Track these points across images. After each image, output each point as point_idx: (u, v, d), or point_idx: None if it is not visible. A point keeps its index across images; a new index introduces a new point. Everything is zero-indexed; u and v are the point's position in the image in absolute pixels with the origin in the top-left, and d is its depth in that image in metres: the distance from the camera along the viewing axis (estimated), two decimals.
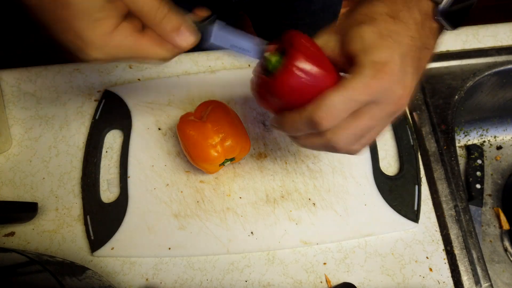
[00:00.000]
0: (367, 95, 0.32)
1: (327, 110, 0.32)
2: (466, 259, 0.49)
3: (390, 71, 0.31)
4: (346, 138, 0.34)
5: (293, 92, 0.34)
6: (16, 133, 0.56)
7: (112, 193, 0.53)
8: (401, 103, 0.33)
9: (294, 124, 0.35)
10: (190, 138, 0.47)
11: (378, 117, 0.33)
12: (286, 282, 0.48)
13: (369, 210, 0.51)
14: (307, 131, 0.34)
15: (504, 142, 0.72)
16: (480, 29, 0.63)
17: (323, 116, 0.32)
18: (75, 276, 0.39)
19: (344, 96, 0.31)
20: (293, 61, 0.33)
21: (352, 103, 0.32)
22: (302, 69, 0.33)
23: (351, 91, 0.31)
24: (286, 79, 0.33)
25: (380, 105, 0.33)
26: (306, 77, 0.33)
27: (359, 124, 0.33)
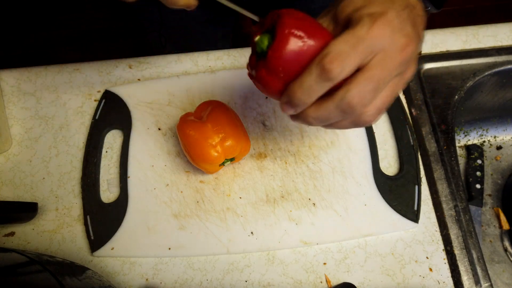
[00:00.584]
0: (370, 39, 0.31)
1: (334, 54, 0.30)
2: (466, 259, 0.49)
3: (388, 19, 0.31)
4: (361, 93, 0.32)
5: (294, 59, 0.32)
6: (16, 133, 0.56)
7: (112, 193, 0.53)
8: (408, 50, 0.32)
9: (305, 84, 0.32)
10: (190, 138, 0.47)
11: (389, 66, 0.32)
12: (286, 282, 0.48)
13: (369, 210, 0.51)
14: (320, 89, 0.32)
15: (504, 142, 0.72)
16: (480, 29, 0.63)
17: (331, 61, 0.30)
18: (75, 276, 0.39)
19: (349, 41, 0.31)
20: (285, 27, 0.32)
21: (357, 47, 0.31)
22: (297, 34, 0.32)
23: (354, 36, 0.31)
24: (283, 47, 0.32)
25: (387, 53, 0.32)
26: (304, 41, 0.32)
27: (373, 74, 0.32)
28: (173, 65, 0.60)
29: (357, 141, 0.54)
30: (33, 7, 1.67)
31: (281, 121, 0.56)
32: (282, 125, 0.55)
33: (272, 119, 0.56)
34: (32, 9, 1.67)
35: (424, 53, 0.61)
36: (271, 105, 0.56)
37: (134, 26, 1.50)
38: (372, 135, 0.55)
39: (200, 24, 0.74)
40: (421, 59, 0.60)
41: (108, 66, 0.60)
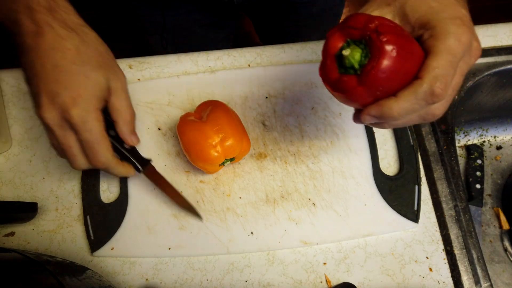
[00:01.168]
0: (462, 51, 0.32)
1: (443, 78, 0.31)
2: (466, 259, 0.49)
3: (468, 23, 0.32)
4: (446, 102, 0.34)
5: (397, 76, 0.32)
6: (16, 133, 0.56)
7: (112, 193, 0.53)
8: (478, 54, 0.34)
9: (407, 106, 0.32)
10: (190, 138, 0.47)
11: (465, 71, 0.34)
12: (286, 282, 0.48)
13: (369, 210, 0.51)
14: (420, 108, 0.33)
15: (504, 142, 0.72)
16: (480, 29, 0.63)
17: (442, 86, 0.31)
18: (75, 276, 0.39)
19: (449, 59, 0.31)
20: (390, 45, 0.31)
21: (455, 63, 0.32)
22: (399, 50, 0.31)
23: (451, 51, 0.31)
24: (387, 66, 0.31)
25: (465, 59, 0.33)
26: (405, 57, 0.31)
27: (454, 84, 0.33)
28: (173, 65, 0.60)
29: (357, 141, 0.54)
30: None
31: (281, 121, 0.56)
32: (282, 125, 0.55)
33: (272, 119, 0.56)
34: None
35: None
36: (271, 105, 0.56)
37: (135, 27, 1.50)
38: (372, 135, 0.55)
39: (201, 27, 0.74)
40: None
41: None
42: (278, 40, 0.67)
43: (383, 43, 0.31)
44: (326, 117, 0.56)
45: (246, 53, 0.61)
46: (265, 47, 0.61)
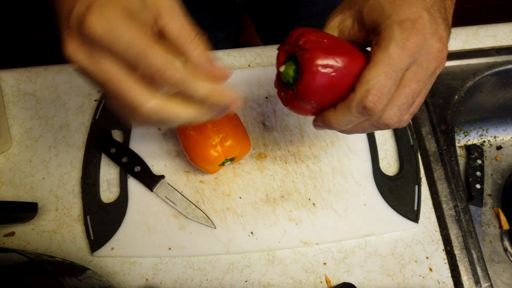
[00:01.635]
0: (406, 58, 0.30)
1: (376, 92, 0.30)
2: (466, 259, 0.49)
3: (421, 26, 0.30)
4: (398, 112, 0.32)
5: (327, 90, 0.32)
6: (16, 133, 0.56)
7: (112, 193, 0.53)
8: (441, 56, 0.32)
9: (344, 118, 0.32)
10: (190, 138, 0.47)
11: (424, 77, 0.31)
12: (286, 282, 0.48)
13: (369, 210, 0.51)
14: (360, 120, 0.33)
15: (504, 142, 0.72)
16: (480, 29, 0.63)
17: (374, 99, 0.30)
18: (75, 276, 0.39)
19: (385, 70, 0.30)
20: (312, 62, 0.31)
21: (395, 73, 0.30)
22: (325, 65, 0.31)
23: (390, 61, 0.30)
24: (312, 82, 0.31)
25: (422, 64, 0.31)
26: (333, 71, 0.31)
27: (407, 92, 0.31)
28: None
29: (357, 141, 0.54)
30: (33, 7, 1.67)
31: (281, 121, 0.56)
32: (282, 125, 0.55)
33: (272, 119, 0.56)
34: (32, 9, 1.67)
35: None
36: (271, 105, 0.56)
37: None
38: (372, 135, 0.55)
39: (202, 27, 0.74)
40: None
41: None
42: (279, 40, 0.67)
43: (305, 60, 0.31)
44: None
45: (246, 53, 0.61)
46: (265, 47, 0.61)
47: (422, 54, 0.31)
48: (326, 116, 0.34)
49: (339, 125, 0.33)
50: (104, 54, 0.27)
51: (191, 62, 0.29)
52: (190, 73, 0.28)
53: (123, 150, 0.53)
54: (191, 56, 0.29)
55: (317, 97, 0.32)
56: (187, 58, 0.29)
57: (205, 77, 0.30)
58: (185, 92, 0.28)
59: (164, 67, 0.27)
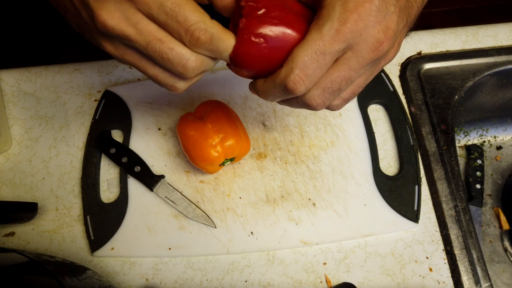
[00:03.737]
0: (338, 43, 0.28)
1: (299, 72, 0.28)
2: (466, 259, 0.49)
3: (364, 10, 0.27)
4: (321, 94, 0.30)
5: (258, 61, 0.30)
6: (16, 133, 0.56)
7: (112, 193, 0.53)
8: (382, 48, 0.29)
9: (269, 92, 0.31)
10: (190, 138, 0.47)
11: (357, 66, 0.29)
12: (286, 282, 0.48)
13: (369, 210, 0.51)
14: (285, 97, 0.31)
15: (504, 142, 0.72)
16: (480, 29, 0.63)
17: (296, 79, 0.28)
18: (75, 276, 0.39)
19: (312, 51, 0.28)
20: (244, 30, 0.29)
21: (323, 56, 0.28)
22: (258, 35, 0.29)
23: (320, 43, 0.27)
24: (243, 51, 0.29)
25: (357, 52, 0.29)
26: (265, 42, 0.29)
27: (334, 77, 0.29)
28: None
29: (357, 141, 0.54)
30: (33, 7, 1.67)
31: (281, 121, 0.56)
32: (282, 125, 0.55)
33: (272, 119, 0.56)
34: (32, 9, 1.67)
35: (424, 53, 0.61)
36: (271, 105, 0.56)
37: None
38: (372, 135, 0.55)
39: None
40: (421, 59, 0.60)
41: (108, 66, 0.60)
42: None
43: (239, 28, 0.29)
44: (326, 117, 0.56)
45: None
46: None
47: (359, 42, 0.28)
48: (255, 85, 0.33)
49: (265, 97, 0.32)
50: (139, 15, 0.27)
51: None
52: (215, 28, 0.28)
53: (123, 150, 0.53)
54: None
55: (248, 66, 0.31)
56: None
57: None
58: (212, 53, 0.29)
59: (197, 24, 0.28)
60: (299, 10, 0.31)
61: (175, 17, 0.27)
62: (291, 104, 0.33)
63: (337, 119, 0.56)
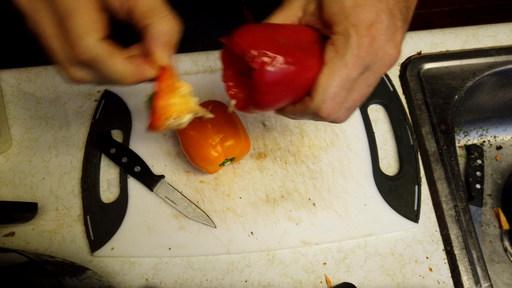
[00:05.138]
0: (360, 66, 0.30)
1: (331, 102, 0.30)
2: (466, 259, 0.49)
3: (377, 32, 0.29)
4: (346, 113, 0.33)
5: (282, 98, 0.33)
6: (16, 133, 0.56)
7: (112, 193, 0.53)
8: (394, 62, 0.32)
9: (301, 117, 0.34)
10: (190, 138, 0.47)
11: (374, 82, 0.32)
12: (286, 282, 0.48)
13: (369, 210, 0.51)
14: (315, 120, 0.34)
15: (504, 142, 0.72)
16: (480, 29, 0.63)
17: (329, 110, 0.31)
18: (75, 276, 0.39)
19: (340, 80, 0.30)
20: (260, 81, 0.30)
21: (350, 83, 0.30)
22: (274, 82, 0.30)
23: (345, 71, 0.29)
24: (267, 98, 0.31)
25: (373, 70, 0.31)
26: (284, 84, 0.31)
27: (355, 96, 0.32)
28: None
29: (357, 141, 0.54)
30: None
31: (281, 121, 0.56)
32: (282, 125, 0.55)
33: (272, 119, 0.56)
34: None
35: (424, 53, 0.61)
36: None
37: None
38: (372, 135, 0.55)
39: (205, 27, 0.74)
40: (421, 59, 0.60)
41: None
42: None
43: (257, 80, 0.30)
44: None
45: None
46: None
47: (376, 62, 0.30)
48: (285, 112, 0.35)
49: (296, 119, 0.36)
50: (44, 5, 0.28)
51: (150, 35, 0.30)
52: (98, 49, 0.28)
53: (123, 150, 0.53)
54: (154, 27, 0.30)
55: (270, 106, 0.33)
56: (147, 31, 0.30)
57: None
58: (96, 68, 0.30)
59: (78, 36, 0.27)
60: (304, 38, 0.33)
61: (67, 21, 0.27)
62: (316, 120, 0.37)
63: None
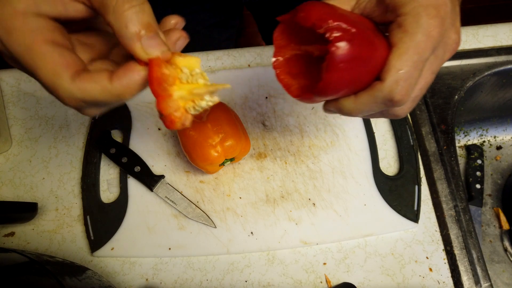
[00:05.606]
0: (430, 48, 0.28)
1: (404, 83, 0.28)
2: (466, 259, 0.49)
3: (445, 13, 0.28)
4: (411, 104, 0.31)
5: (349, 83, 0.30)
6: (16, 133, 0.56)
7: (112, 193, 0.53)
8: (456, 48, 0.31)
9: (365, 108, 0.31)
10: (190, 138, 0.47)
11: (437, 68, 0.30)
12: (286, 282, 0.48)
13: (369, 210, 0.51)
14: (380, 110, 0.31)
15: (504, 142, 0.72)
16: (480, 29, 0.63)
17: (403, 92, 0.28)
18: (75, 276, 0.39)
19: (413, 60, 0.28)
20: (337, 58, 0.28)
21: (422, 64, 0.29)
22: (350, 59, 0.28)
23: (418, 50, 0.28)
24: (337, 78, 0.29)
25: (438, 55, 0.30)
26: (358, 63, 0.29)
27: (423, 84, 0.30)
28: None
29: (357, 141, 0.54)
30: None
31: (281, 121, 0.56)
32: (282, 125, 0.55)
33: (272, 119, 0.56)
34: None
35: None
36: (271, 105, 0.56)
37: None
38: (372, 135, 0.55)
39: (206, 28, 0.74)
40: None
41: None
42: None
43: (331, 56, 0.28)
44: (326, 117, 0.56)
45: (246, 53, 0.61)
46: (265, 47, 0.61)
47: (441, 45, 0.30)
48: (343, 104, 0.32)
49: (356, 113, 0.32)
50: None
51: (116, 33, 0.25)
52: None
53: (123, 150, 0.53)
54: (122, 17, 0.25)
55: (338, 91, 0.30)
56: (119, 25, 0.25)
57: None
58: None
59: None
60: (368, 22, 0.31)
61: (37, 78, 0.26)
62: (371, 115, 0.33)
63: (337, 119, 0.56)
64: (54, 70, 0.25)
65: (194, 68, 0.28)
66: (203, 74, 0.28)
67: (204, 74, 0.28)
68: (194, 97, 0.28)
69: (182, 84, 0.28)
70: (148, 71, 0.26)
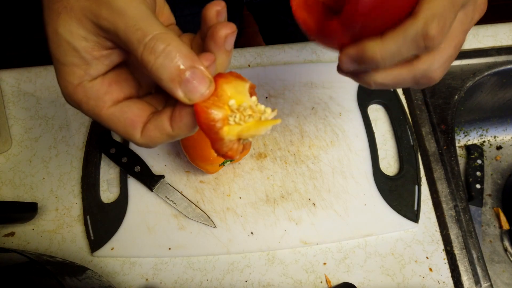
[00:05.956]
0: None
1: (441, 19, 0.25)
2: (466, 259, 0.49)
3: None
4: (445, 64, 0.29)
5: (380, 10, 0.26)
6: (16, 133, 0.56)
7: (112, 193, 0.53)
8: (483, 9, 0.29)
9: (392, 49, 0.27)
10: (190, 138, 0.47)
11: (467, 29, 0.29)
12: (286, 282, 0.48)
13: (369, 210, 0.51)
14: (408, 54, 0.27)
15: (504, 142, 0.72)
16: (480, 29, 0.63)
17: (438, 29, 0.25)
18: (75, 276, 0.39)
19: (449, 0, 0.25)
20: None
21: (457, 7, 0.26)
22: None
23: None
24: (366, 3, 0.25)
25: (468, 13, 0.28)
26: None
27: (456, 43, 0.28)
28: None
29: (357, 141, 0.54)
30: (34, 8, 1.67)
31: (281, 121, 0.56)
32: (282, 125, 0.55)
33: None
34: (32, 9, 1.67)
35: None
36: (271, 105, 0.56)
37: None
38: (372, 135, 0.55)
39: None
40: None
41: None
42: (281, 40, 0.67)
43: None
44: (326, 117, 0.56)
45: (246, 53, 0.61)
46: (265, 47, 0.61)
47: (470, 3, 0.28)
48: (367, 47, 0.27)
49: (383, 57, 0.27)
50: None
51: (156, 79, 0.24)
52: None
53: (123, 150, 0.53)
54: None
55: (366, 19, 0.26)
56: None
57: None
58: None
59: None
60: None
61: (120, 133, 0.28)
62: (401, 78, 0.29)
63: (337, 119, 0.56)
64: (125, 130, 0.27)
65: (242, 101, 0.26)
66: (251, 107, 0.26)
67: (253, 105, 0.26)
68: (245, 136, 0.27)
69: (232, 126, 0.26)
70: (196, 115, 0.25)
